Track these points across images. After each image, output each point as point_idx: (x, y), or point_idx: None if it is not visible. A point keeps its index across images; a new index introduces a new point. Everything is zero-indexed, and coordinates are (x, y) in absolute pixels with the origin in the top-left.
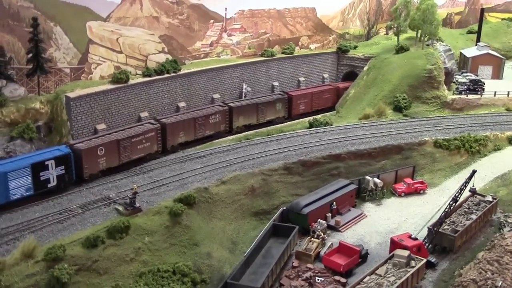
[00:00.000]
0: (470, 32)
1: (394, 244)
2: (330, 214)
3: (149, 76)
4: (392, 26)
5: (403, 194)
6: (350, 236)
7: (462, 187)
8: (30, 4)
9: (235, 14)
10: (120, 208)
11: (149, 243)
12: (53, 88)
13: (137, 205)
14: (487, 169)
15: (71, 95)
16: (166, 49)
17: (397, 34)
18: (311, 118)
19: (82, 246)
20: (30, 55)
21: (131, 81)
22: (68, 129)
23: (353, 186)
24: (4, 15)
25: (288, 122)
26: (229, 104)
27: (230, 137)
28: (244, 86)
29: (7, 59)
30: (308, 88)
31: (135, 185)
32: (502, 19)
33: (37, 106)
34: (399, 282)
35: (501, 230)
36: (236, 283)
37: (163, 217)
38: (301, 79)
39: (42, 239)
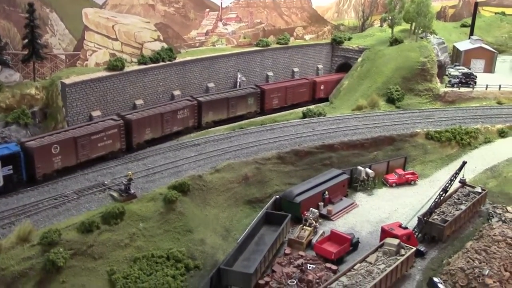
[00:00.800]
0: (463, 25)
1: (385, 233)
2: (322, 203)
3: (145, 64)
4: (387, 18)
5: (394, 184)
6: (341, 225)
7: (452, 178)
8: None
9: (230, 3)
10: (115, 194)
11: (143, 229)
12: (49, 74)
13: (132, 191)
14: (477, 161)
15: (67, 81)
16: (161, 37)
17: (391, 26)
18: (304, 108)
19: (77, 231)
20: (26, 40)
21: (126, 69)
22: (63, 116)
23: (345, 176)
24: (0, 1)
25: (282, 113)
26: (198, 98)
27: (224, 126)
28: (239, 76)
29: (2, 45)
30: (282, 82)
31: (130, 172)
32: (496, 13)
33: (32, 92)
34: (388, 269)
35: (489, 221)
36: (229, 269)
37: (158, 203)
38: (296, 69)
39: (37, 224)
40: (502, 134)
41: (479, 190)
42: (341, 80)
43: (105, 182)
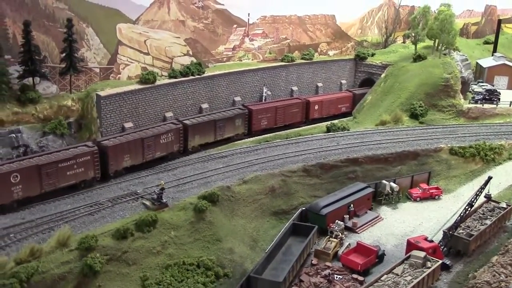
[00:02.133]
0: (486, 42)
1: (411, 246)
2: (348, 216)
3: (175, 77)
4: (410, 35)
5: (418, 199)
6: (366, 237)
7: (477, 192)
8: (65, 6)
9: (257, 19)
10: (148, 203)
11: (174, 237)
12: (83, 87)
13: (164, 200)
14: (502, 177)
15: (102, 93)
16: (190, 52)
17: (415, 42)
18: (328, 123)
19: (112, 237)
20: (64, 54)
21: (157, 82)
22: (98, 126)
23: (370, 190)
24: (40, 16)
25: (306, 126)
26: (184, 121)
27: (250, 139)
28: (265, 90)
29: (42, 58)
30: (272, 102)
31: (162, 182)
32: None
33: (68, 104)
34: (415, 281)
35: None
36: (259, 277)
37: (188, 213)
38: (319, 84)
39: (74, 230)
40: None
41: (504, 206)
42: (340, 99)
43: (138, 191)
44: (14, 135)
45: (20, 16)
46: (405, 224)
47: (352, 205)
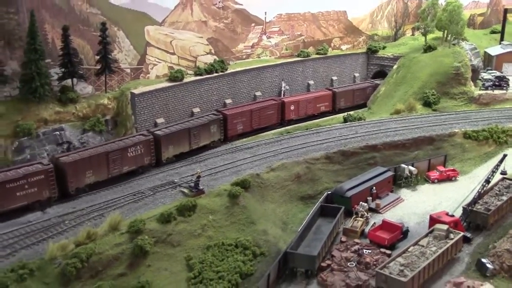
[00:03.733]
0: (493, 32)
1: (433, 220)
2: (371, 198)
3: (200, 75)
4: (420, 27)
5: (436, 181)
6: (389, 217)
7: (494, 169)
8: (97, 11)
9: (273, 17)
10: (186, 190)
11: (212, 221)
12: (116, 87)
13: (201, 187)
14: None
15: (136, 91)
16: (213, 51)
17: (424, 34)
18: (345, 114)
19: (157, 221)
20: (100, 56)
21: (185, 80)
22: (132, 123)
23: (390, 173)
24: (75, 21)
25: (324, 118)
26: (155, 132)
27: (273, 131)
28: (283, 85)
29: (79, 60)
30: (246, 105)
31: (199, 170)
32: None
33: (105, 102)
34: (440, 251)
35: None
36: (295, 252)
37: (223, 198)
38: (334, 78)
39: (122, 215)
40: None
41: None
42: (318, 99)
43: (175, 180)
44: (58, 132)
45: (58, 22)
46: (425, 204)
47: (374, 187)
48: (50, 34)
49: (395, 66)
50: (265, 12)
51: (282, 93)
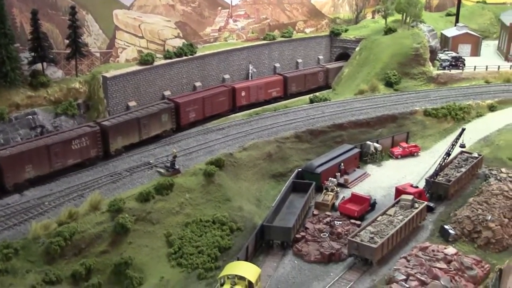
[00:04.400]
0: (448, 14)
1: (399, 192)
2: (339, 174)
3: (170, 58)
4: (380, 10)
5: (399, 156)
6: (357, 191)
7: (453, 142)
8: None
9: (239, 1)
10: (162, 170)
11: (189, 199)
12: (86, 71)
13: (177, 167)
14: (472, 133)
15: (108, 75)
16: (181, 34)
17: (385, 17)
18: (311, 95)
19: (136, 200)
20: (70, 40)
21: (155, 63)
22: (105, 106)
23: (356, 150)
24: (44, 5)
25: (291, 100)
26: (102, 123)
27: (241, 113)
28: (250, 67)
29: (49, 44)
30: (198, 92)
31: (174, 150)
32: (477, 1)
33: (76, 86)
34: (406, 219)
35: (487, 180)
36: (271, 225)
37: (199, 177)
38: (299, 60)
39: (102, 195)
40: (491, 108)
41: (476, 155)
42: (269, 84)
43: (150, 161)
44: (31, 117)
45: (26, 6)
46: (390, 178)
47: (342, 164)
48: (18, 18)
49: (357, 48)
50: None
51: (250, 76)
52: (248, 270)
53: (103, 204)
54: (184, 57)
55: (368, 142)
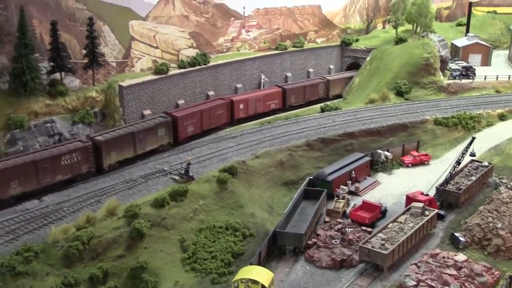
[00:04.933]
0: (459, 24)
1: (409, 199)
2: (350, 181)
3: (184, 68)
4: (391, 20)
5: (410, 165)
6: (368, 199)
7: (463, 151)
8: (83, 6)
9: (252, 12)
10: (177, 177)
11: (203, 205)
12: (102, 80)
13: (191, 174)
14: (482, 142)
15: (124, 84)
16: (194, 44)
17: (395, 27)
18: (322, 104)
19: (151, 206)
20: (87, 50)
21: (170, 72)
22: (121, 115)
23: (367, 158)
24: (62, 16)
25: (302, 109)
26: (95, 138)
27: (254, 122)
28: (262, 77)
29: (67, 54)
30: (196, 105)
31: (189, 157)
32: (487, 12)
33: (93, 95)
34: (417, 226)
35: (498, 188)
36: (283, 231)
37: (212, 184)
38: (310, 70)
39: (118, 201)
40: (502, 117)
41: (486, 164)
42: (268, 96)
43: (165, 168)
44: (49, 124)
45: (45, 17)
46: (401, 186)
47: (353, 172)
48: (38, 29)
49: (368, 58)
50: (244, 7)
51: (262, 85)
52: (261, 274)
53: (119, 209)
54: (198, 67)
55: (379, 151)
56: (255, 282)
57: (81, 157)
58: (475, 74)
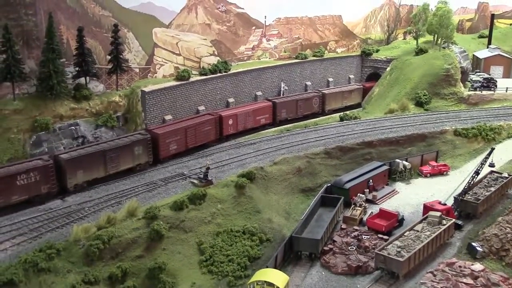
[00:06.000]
0: (481, 36)
1: (427, 208)
2: (368, 190)
3: (205, 74)
4: (412, 31)
5: (428, 175)
6: (386, 207)
7: (483, 161)
8: (109, 13)
9: (273, 21)
10: (195, 181)
11: (221, 209)
12: (126, 85)
13: (210, 178)
14: (502, 154)
15: (146, 89)
16: (216, 52)
17: (416, 37)
18: (341, 113)
19: (170, 209)
20: (111, 56)
21: (191, 79)
22: (142, 119)
23: (385, 167)
24: (89, 23)
25: (321, 118)
26: (59, 156)
27: (273, 129)
28: (282, 85)
29: (92, 59)
30: (181, 122)
31: (208, 162)
32: (510, 24)
33: (116, 99)
34: (434, 235)
35: None
36: (300, 236)
37: (230, 189)
38: (330, 79)
39: (138, 203)
40: None
41: (506, 175)
42: (258, 111)
43: (184, 172)
44: (73, 127)
45: (72, 23)
46: (419, 195)
47: (371, 180)
48: (65, 35)
49: (388, 68)
50: (265, 16)
51: (282, 93)
52: (277, 277)
53: (139, 211)
54: (219, 74)
55: (397, 160)
56: (270, 284)
57: (40, 177)
58: (496, 86)
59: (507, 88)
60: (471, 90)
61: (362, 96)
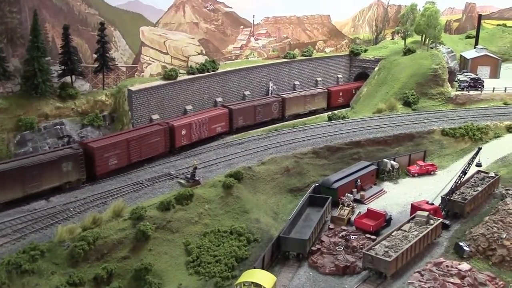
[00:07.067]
0: (468, 37)
1: (414, 208)
2: (356, 190)
3: (193, 74)
4: (400, 31)
5: (416, 174)
6: (373, 207)
7: (469, 161)
8: (95, 12)
9: (261, 20)
10: (182, 181)
11: (208, 210)
12: (112, 84)
13: (197, 178)
14: (489, 153)
15: (133, 88)
16: (203, 51)
17: (404, 38)
18: (329, 112)
19: (157, 209)
20: (98, 54)
21: (178, 78)
22: (129, 118)
23: (373, 167)
24: (74, 21)
25: (309, 117)
26: None
27: (261, 129)
28: (270, 85)
29: (78, 58)
30: (123, 134)
31: (195, 161)
32: (497, 25)
33: (103, 99)
34: (421, 234)
35: (504, 199)
36: (287, 237)
37: (218, 189)
38: (319, 79)
39: (124, 203)
40: (509, 129)
41: (493, 175)
42: (213, 119)
43: (171, 172)
44: (58, 127)
45: (58, 21)
46: (406, 195)
47: (359, 180)
48: (50, 33)
49: (376, 68)
50: (253, 15)
51: (270, 92)
52: (264, 278)
53: (125, 211)
54: (206, 73)
55: (385, 160)
56: (257, 285)
57: None
58: (483, 86)
59: (493, 88)
60: (459, 90)
61: (328, 100)
